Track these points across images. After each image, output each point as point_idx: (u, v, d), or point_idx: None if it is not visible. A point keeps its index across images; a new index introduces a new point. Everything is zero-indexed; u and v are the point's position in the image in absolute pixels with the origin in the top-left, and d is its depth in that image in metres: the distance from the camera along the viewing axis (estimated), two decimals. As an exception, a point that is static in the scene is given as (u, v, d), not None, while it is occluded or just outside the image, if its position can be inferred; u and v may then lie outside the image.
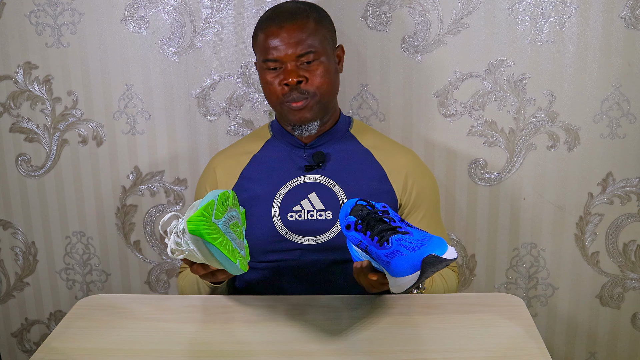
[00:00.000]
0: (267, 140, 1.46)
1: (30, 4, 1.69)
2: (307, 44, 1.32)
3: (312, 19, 1.34)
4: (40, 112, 1.77)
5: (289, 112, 1.35)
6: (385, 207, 1.10)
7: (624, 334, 1.79)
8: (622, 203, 1.70)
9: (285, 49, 1.31)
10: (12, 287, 1.92)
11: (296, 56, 1.32)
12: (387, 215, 1.08)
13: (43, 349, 1.08)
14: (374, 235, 1.05)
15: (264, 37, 1.34)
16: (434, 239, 1.00)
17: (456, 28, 1.62)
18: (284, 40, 1.31)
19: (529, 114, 1.66)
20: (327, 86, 1.35)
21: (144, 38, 1.69)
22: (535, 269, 1.77)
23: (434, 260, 0.98)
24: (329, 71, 1.35)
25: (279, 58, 1.32)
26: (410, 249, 1.00)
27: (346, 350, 1.05)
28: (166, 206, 1.80)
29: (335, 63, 1.40)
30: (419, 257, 0.98)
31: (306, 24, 1.33)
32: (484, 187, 1.72)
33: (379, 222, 1.07)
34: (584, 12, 1.58)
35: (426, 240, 1.01)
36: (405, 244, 1.01)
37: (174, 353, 1.05)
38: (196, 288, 1.34)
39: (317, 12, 1.37)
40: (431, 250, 0.98)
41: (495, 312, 1.14)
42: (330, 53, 1.37)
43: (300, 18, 1.33)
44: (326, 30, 1.37)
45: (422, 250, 0.99)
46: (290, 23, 1.32)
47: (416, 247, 1.00)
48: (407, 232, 1.03)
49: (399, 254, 1.01)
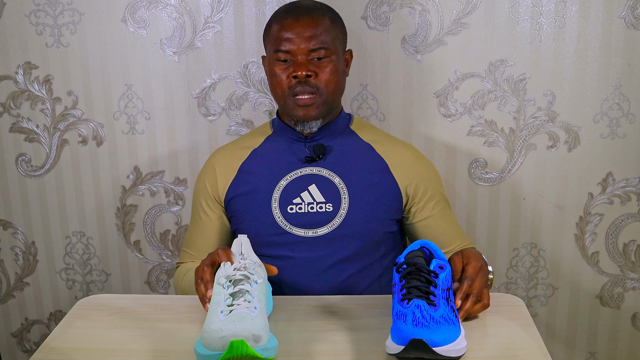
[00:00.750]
0: (268, 136, 1.47)
1: (30, 4, 1.69)
2: (320, 39, 1.33)
3: (327, 17, 1.37)
4: (40, 112, 1.77)
5: (294, 106, 1.36)
6: (443, 268, 1.06)
7: (624, 334, 1.79)
8: (622, 203, 1.70)
9: (298, 41, 1.33)
10: (12, 287, 1.92)
11: (308, 50, 1.33)
12: (433, 278, 1.04)
13: (43, 349, 1.08)
14: (405, 287, 1.03)
15: (278, 28, 1.35)
16: (444, 327, 0.95)
17: (456, 28, 1.62)
18: (298, 33, 1.33)
19: (529, 114, 1.66)
20: (335, 85, 1.36)
21: (144, 38, 1.69)
22: (535, 269, 1.77)
23: (422, 347, 0.92)
24: (338, 71, 1.37)
25: (291, 50, 1.34)
26: (415, 322, 0.95)
27: (346, 350, 1.05)
28: (166, 206, 1.81)
29: (344, 65, 1.41)
30: (412, 334, 0.93)
31: (322, 20, 1.35)
32: (484, 187, 1.72)
33: (421, 279, 1.03)
34: (584, 12, 1.58)
35: (438, 323, 0.95)
36: (417, 314, 0.96)
37: (174, 353, 1.05)
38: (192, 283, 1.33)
39: (332, 13, 1.40)
40: (427, 336, 0.93)
41: (495, 312, 1.14)
42: (340, 54, 1.39)
43: (317, 14, 1.35)
44: (339, 31, 1.39)
45: (421, 330, 0.94)
46: (307, 17, 1.34)
47: (420, 324, 0.95)
48: (434, 304, 0.99)
49: (404, 318, 0.96)
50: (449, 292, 1.05)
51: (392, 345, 0.97)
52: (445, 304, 1.02)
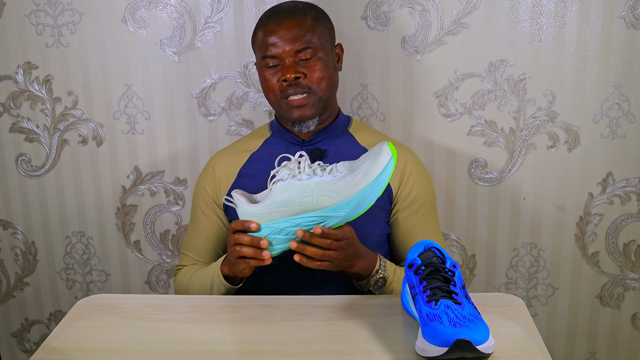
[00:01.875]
0: (267, 139, 1.46)
1: (30, 4, 1.69)
2: (304, 39, 1.33)
3: (309, 16, 1.36)
4: (40, 112, 1.77)
5: (288, 109, 1.36)
6: (456, 266, 1.07)
7: (624, 334, 1.79)
8: (622, 203, 1.70)
9: (283, 45, 1.32)
10: (12, 287, 1.92)
11: (294, 52, 1.33)
12: (452, 277, 1.05)
13: (43, 349, 1.08)
14: (428, 288, 1.03)
15: (262, 34, 1.35)
16: (479, 324, 0.96)
17: (456, 28, 1.62)
18: (282, 37, 1.32)
19: (529, 114, 1.66)
20: (326, 82, 1.35)
21: (144, 38, 1.69)
22: (535, 269, 1.77)
23: (466, 347, 0.93)
24: (328, 67, 1.36)
25: (277, 54, 1.33)
26: (452, 322, 0.96)
27: (346, 350, 1.05)
28: (166, 206, 1.81)
29: (334, 61, 1.40)
30: (454, 335, 0.94)
31: (304, 20, 1.34)
32: (484, 187, 1.72)
33: (440, 279, 1.04)
34: (584, 12, 1.58)
35: (472, 321, 0.96)
36: (450, 314, 0.97)
37: (174, 353, 1.05)
38: (208, 288, 1.32)
39: (315, 10, 1.38)
40: (470, 335, 0.94)
41: (495, 312, 1.14)
42: (329, 50, 1.38)
43: (298, 15, 1.34)
44: (324, 28, 1.38)
45: (461, 330, 0.94)
46: (288, 20, 1.33)
47: (458, 324, 0.95)
48: (459, 303, 1.00)
49: (439, 320, 0.97)
50: (465, 290, 1.06)
51: (429, 347, 0.96)
52: (467, 301, 1.02)
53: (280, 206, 1.09)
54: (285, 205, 1.09)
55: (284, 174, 1.10)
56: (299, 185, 1.09)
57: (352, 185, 1.06)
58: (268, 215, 1.11)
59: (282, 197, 1.09)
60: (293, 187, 1.09)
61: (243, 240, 1.16)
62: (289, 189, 1.09)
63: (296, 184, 1.09)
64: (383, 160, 1.07)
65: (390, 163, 1.06)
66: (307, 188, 1.09)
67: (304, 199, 1.08)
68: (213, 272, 1.31)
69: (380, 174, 1.06)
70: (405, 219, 1.39)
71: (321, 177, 1.09)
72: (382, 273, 1.27)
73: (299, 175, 1.10)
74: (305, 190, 1.09)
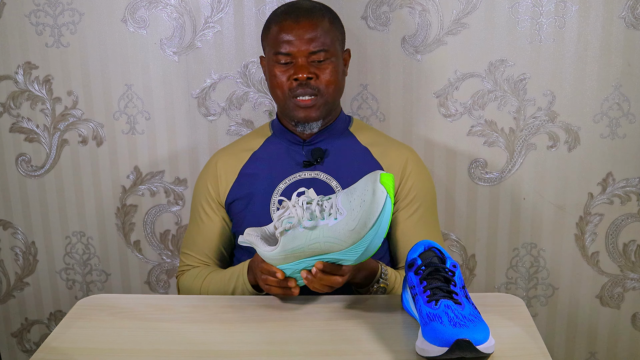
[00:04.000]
0: (267, 138, 1.46)
1: (30, 4, 1.69)
2: (320, 41, 1.33)
3: (327, 18, 1.36)
4: (40, 112, 1.77)
5: (295, 108, 1.36)
6: (456, 266, 1.07)
7: (624, 334, 1.79)
8: (622, 203, 1.70)
9: (299, 44, 1.32)
10: (12, 287, 1.92)
11: (309, 52, 1.33)
12: (452, 276, 1.05)
13: (43, 349, 1.08)
14: (428, 288, 1.03)
15: (277, 30, 1.35)
16: (479, 324, 0.97)
17: (456, 28, 1.62)
18: (298, 36, 1.32)
19: (529, 114, 1.66)
20: (335, 86, 1.36)
21: (144, 38, 1.69)
22: (535, 269, 1.77)
23: (466, 347, 0.93)
24: (338, 72, 1.37)
25: (291, 52, 1.33)
26: (452, 322, 0.96)
27: (346, 350, 1.05)
28: (166, 206, 1.81)
29: (343, 65, 1.41)
30: (454, 335, 0.94)
31: (322, 22, 1.34)
32: (484, 187, 1.72)
33: (440, 279, 1.04)
34: (584, 12, 1.58)
35: (472, 321, 0.97)
36: (450, 314, 0.97)
37: (174, 353, 1.05)
38: (231, 288, 1.32)
39: (332, 14, 1.39)
40: (470, 335, 0.94)
41: (495, 312, 1.14)
42: (340, 55, 1.39)
43: (317, 16, 1.34)
44: (338, 32, 1.39)
45: (462, 330, 0.95)
46: (307, 19, 1.33)
47: (458, 324, 0.96)
48: (459, 303, 1.00)
49: (439, 320, 0.97)
50: (465, 290, 1.06)
51: (429, 347, 0.97)
52: (467, 301, 1.02)
53: (293, 252, 1.11)
54: (297, 252, 1.11)
55: (286, 223, 1.10)
56: (303, 233, 1.09)
57: (354, 233, 1.05)
58: (285, 259, 1.13)
59: (290, 245, 1.10)
60: (298, 236, 1.09)
61: (271, 282, 1.18)
62: (295, 238, 1.10)
63: (300, 232, 1.09)
64: (379, 202, 1.04)
65: (387, 203, 1.03)
66: (312, 235, 1.09)
67: (312, 246, 1.09)
68: (236, 279, 1.31)
69: (379, 218, 1.04)
70: (404, 218, 1.39)
71: (323, 221, 1.08)
72: (383, 282, 1.28)
73: (302, 222, 1.09)
74: (310, 238, 1.09)
